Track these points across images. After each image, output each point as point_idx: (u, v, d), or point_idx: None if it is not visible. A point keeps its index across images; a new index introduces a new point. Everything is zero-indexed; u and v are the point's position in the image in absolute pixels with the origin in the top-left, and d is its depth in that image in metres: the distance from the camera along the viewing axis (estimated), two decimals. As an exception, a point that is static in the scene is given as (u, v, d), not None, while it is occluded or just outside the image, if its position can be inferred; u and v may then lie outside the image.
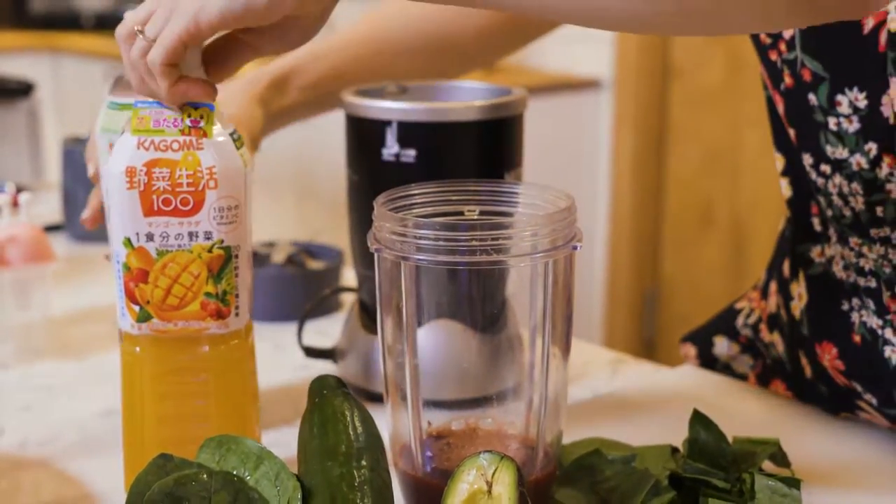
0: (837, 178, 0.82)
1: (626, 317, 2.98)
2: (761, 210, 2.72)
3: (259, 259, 1.18)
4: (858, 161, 0.80)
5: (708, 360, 1.03)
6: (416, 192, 0.74)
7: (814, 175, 0.84)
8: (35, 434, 0.89)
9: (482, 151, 0.90)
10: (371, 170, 0.91)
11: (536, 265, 0.70)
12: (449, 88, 0.99)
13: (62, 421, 0.92)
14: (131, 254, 0.73)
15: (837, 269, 0.86)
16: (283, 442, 0.83)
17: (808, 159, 0.84)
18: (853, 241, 0.84)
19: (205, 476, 0.68)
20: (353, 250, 0.96)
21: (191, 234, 0.72)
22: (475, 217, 0.75)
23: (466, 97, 0.97)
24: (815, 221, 0.89)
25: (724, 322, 1.04)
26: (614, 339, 2.97)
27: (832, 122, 0.80)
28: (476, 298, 0.75)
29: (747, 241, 2.77)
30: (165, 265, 0.73)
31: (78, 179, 1.40)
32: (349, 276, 1.19)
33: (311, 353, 0.99)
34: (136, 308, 0.74)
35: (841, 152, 0.81)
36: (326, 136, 2.92)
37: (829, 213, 0.85)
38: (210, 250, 0.73)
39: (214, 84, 0.73)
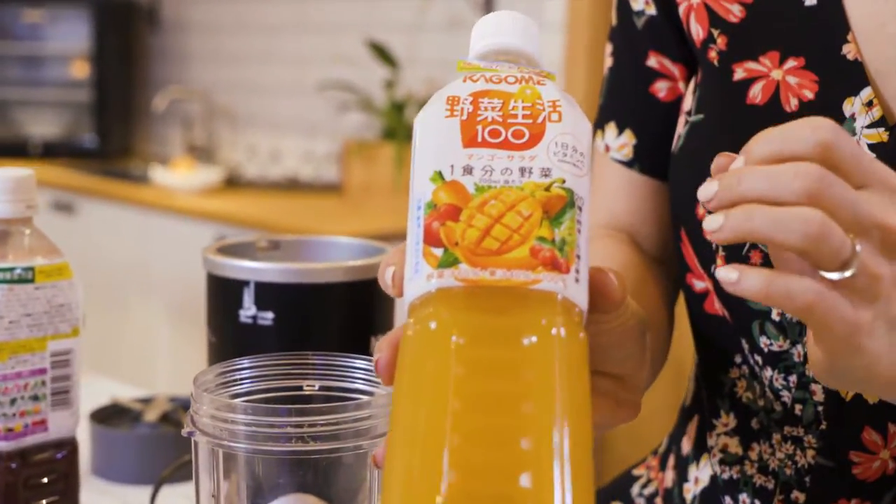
0: (769, 371, 0.76)
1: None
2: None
3: (130, 416, 1.12)
4: (800, 352, 0.74)
5: None
6: (246, 366, 0.69)
7: (751, 361, 0.78)
8: None
9: (346, 315, 0.85)
10: (229, 332, 0.86)
11: (367, 452, 0.64)
12: (322, 245, 0.94)
13: None
14: (440, 188, 0.54)
15: (714, 462, 0.81)
16: None
17: (744, 345, 0.78)
18: (776, 437, 0.78)
19: None
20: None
21: (522, 170, 0.55)
22: (312, 392, 0.69)
23: (338, 255, 0.92)
24: (706, 405, 0.83)
25: (620, 488, 0.97)
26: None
27: (775, 311, 0.74)
28: (307, 481, 0.69)
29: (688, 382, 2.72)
30: (485, 202, 0.54)
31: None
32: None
33: (168, 525, 0.92)
34: (439, 252, 0.53)
35: (781, 344, 0.75)
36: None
37: (761, 403, 0.78)
38: (548, 188, 0.55)
39: None
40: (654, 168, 0.88)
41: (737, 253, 0.76)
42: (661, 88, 0.87)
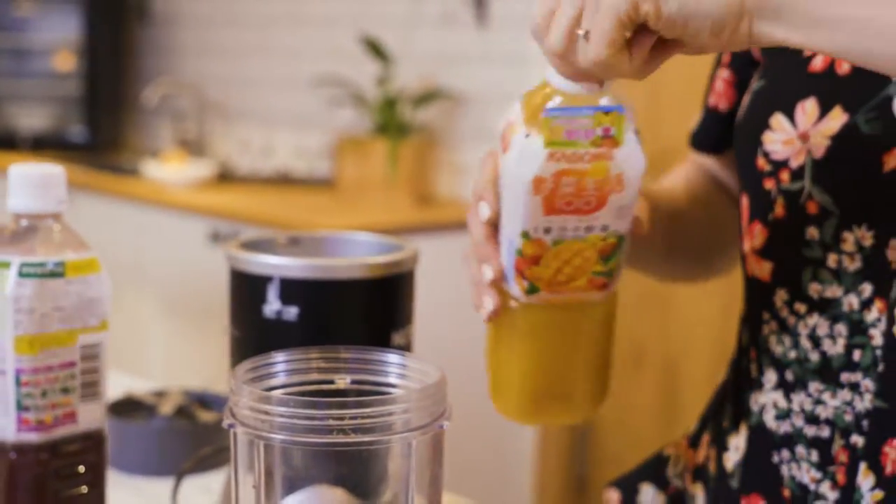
0: (814, 318, 0.80)
1: (559, 455, 2.92)
2: (693, 352, 2.70)
3: (146, 409, 1.13)
4: (850, 302, 0.78)
5: None
6: (280, 360, 0.70)
7: (784, 313, 0.82)
8: None
9: (368, 311, 0.86)
10: (252, 327, 0.87)
11: (402, 444, 0.66)
12: (341, 241, 0.96)
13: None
14: (527, 243, 0.77)
15: (768, 419, 0.83)
16: None
17: (781, 296, 0.82)
18: (814, 387, 0.81)
19: None
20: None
21: (588, 228, 0.77)
22: (344, 386, 0.71)
23: (357, 251, 0.94)
24: (752, 367, 0.86)
25: (654, 469, 1.00)
26: (546, 478, 2.91)
27: (832, 258, 0.79)
28: (342, 475, 0.71)
29: (679, 382, 2.75)
30: (559, 252, 0.77)
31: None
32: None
33: (188, 516, 0.93)
34: (526, 283, 0.80)
35: (834, 291, 0.79)
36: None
37: (792, 355, 0.82)
38: (605, 239, 0.77)
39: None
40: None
41: (794, 201, 0.81)
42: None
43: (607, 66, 0.68)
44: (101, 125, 4.01)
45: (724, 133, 0.97)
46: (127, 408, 1.12)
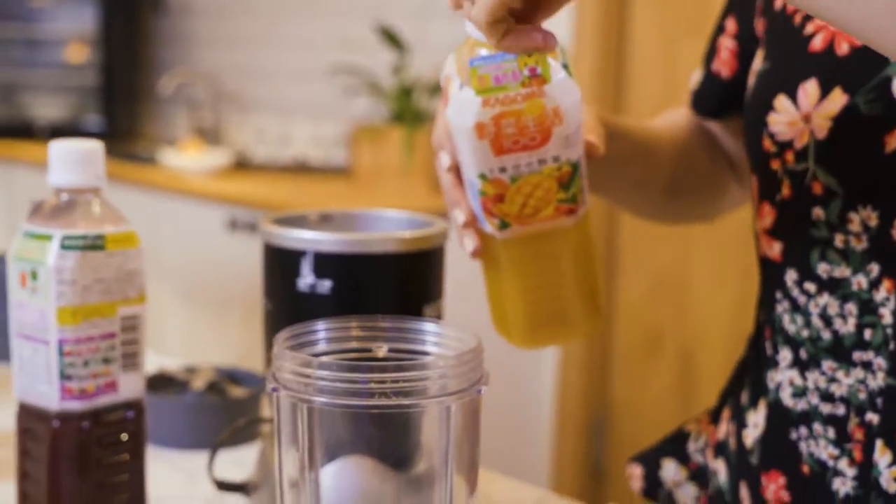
0: (824, 298, 0.81)
1: (575, 443, 2.94)
2: (710, 338, 2.71)
3: (178, 385, 1.15)
4: (859, 281, 0.79)
5: (652, 484, 1.00)
6: (321, 328, 0.72)
7: (795, 292, 0.83)
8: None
9: (400, 284, 0.88)
10: (286, 300, 0.88)
11: (441, 409, 0.68)
12: (371, 218, 0.97)
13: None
14: (486, 183, 0.81)
15: (785, 396, 0.85)
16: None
17: (791, 275, 0.83)
18: (827, 365, 0.82)
19: None
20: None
21: (540, 161, 0.79)
22: (382, 355, 0.72)
23: (388, 228, 0.95)
24: (768, 346, 0.87)
25: (675, 444, 1.01)
26: (562, 466, 2.92)
27: (839, 238, 0.80)
28: (380, 440, 0.72)
29: (695, 369, 2.76)
30: (520, 187, 0.81)
31: None
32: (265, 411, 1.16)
33: (223, 486, 0.95)
34: (496, 220, 0.83)
35: (842, 271, 0.80)
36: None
37: (805, 333, 0.83)
38: (559, 168, 0.80)
39: (547, 32, 0.74)
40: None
41: (800, 182, 0.82)
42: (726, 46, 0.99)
43: (491, 27, 0.71)
44: (118, 114, 4.04)
45: (723, 99, 1.00)
46: (160, 383, 1.14)
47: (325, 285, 0.86)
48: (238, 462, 1.06)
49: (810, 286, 0.82)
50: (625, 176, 0.98)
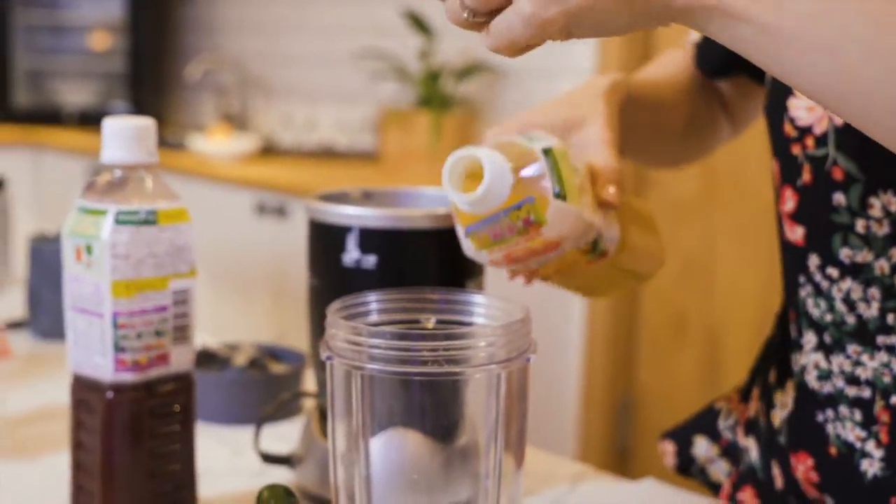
0: (847, 283, 0.82)
1: (601, 425, 2.95)
2: (735, 321, 2.72)
3: (220, 361, 1.17)
4: (882, 266, 0.80)
5: (685, 461, 1.02)
6: (372, 300, 0.74)
7: (818, 277, 0.84)
8: (-20, 537, 0.87)
9: (443, 259, 0.90)
10: (331, 275, 0.90)
11: (490, 377, 0.69)
12: (413, 196, 0.99)
13: (8, 524, 0.89)
14: (515, 272, 0.86)
15: (811, 380, 0.86)
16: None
17: (814, 260, 0.84)
18: (852, 349, 0.83)
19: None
20: (312, 356, 0.95)
21: (557, 255, 0.80)
22: (431, 326, 0.74)
23: (429, 205, 0.97)
24: (793, 329, 0.88)
25: (705, 421, 1.03)
26: (588, 448, 2.94)
27: (860, 224, 0.80)
28: (429, 409, 0.74)
29: (721, 353, 2.77)
30: (548, 266, 0.84)
31: (44, 278, 1.39)
32: (312, 380, 1.18)
33: (268, 458, 0.97)
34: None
35: (865, 256, 0.80)
36: (301, 225, 2.92)
37: (829, 318, 0.84)
38: (579, 249, 0.83)
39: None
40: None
41: (820, 167, 0.82)
42: None
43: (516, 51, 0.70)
44: (145, 101, 4.07)
45: (728, 58, 1.00)
46: (202, 360, 1.16)
47: (371, 260, 0.88)
48: (280, 437, 1.08)
49: (833, 271, 0.83)
50: (637, 135, 0.99)
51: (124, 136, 0.84)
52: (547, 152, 0.77)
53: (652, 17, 0.64)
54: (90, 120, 3.99)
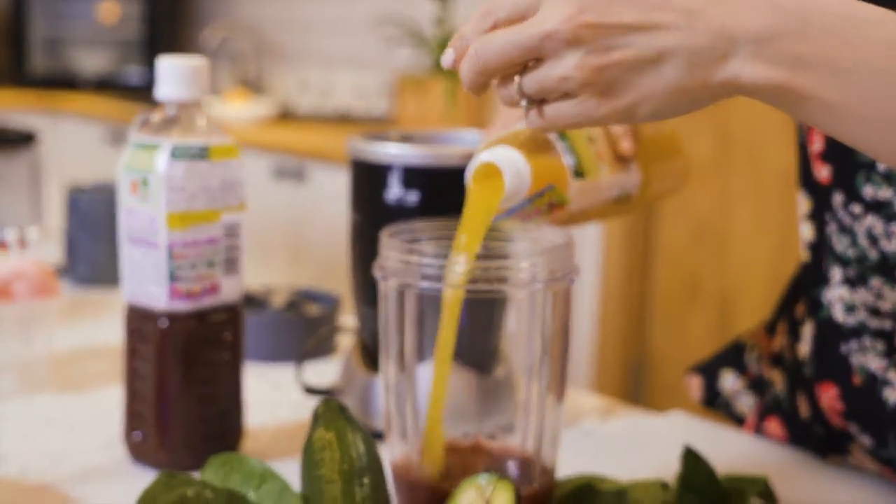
0: (869, 219, 0.85)
1: (614, 388, 2.99)
2: (748, 285, 2.75)
3: (257, 302, 1.20)
4: None
5: (711, 394, 1.05)
6: (419, 227, 0.77)
7: (841, 213, 0.87)
8: (34, 462, 0.90)
9: (482, 196, 0.93)
10: (374, 212, 0.94)
11: (535, 297, 0.73)
12: (450, 137, 1.02)
13: (62, 451, 0.93)
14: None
15: (837, 313, 0.89)
16: (285, 472, 0.85)
17: (838, 198, 0.87)
18: (875, 282, 0.86)
19: (209, 493, 0.70)
20: (354, 290, 0.98)
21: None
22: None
23: (468, 144, 1.00)
24: (821, 265, 0.92)
25: (733, 355, 1.06)
26: (601, 410, 2.97)
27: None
28: (476, 330, 0.78)
29: (734, 316, 2.80)
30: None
31: (82, 226, 1.43)
32: (346, 323, 1.22)
33: (311, 390, 1.01)
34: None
35: (884, 193, 0.84)
36: (318, 190, 2.95)
37: (851, 253, 0.87)
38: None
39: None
40: None
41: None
42: None
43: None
44: (161, 67, 4.09)
45: None
46: (241, 300, 1.20)
47: (413, 198, 0.91)
48: (317, 374, 1.11)
49: (856, 207, 0.86)
50: None
51: (178, 73, 0.87)
52: (560, 132, 0.79)
53: (716, 97, 0.64)
54: (106, 86, 4.02)
